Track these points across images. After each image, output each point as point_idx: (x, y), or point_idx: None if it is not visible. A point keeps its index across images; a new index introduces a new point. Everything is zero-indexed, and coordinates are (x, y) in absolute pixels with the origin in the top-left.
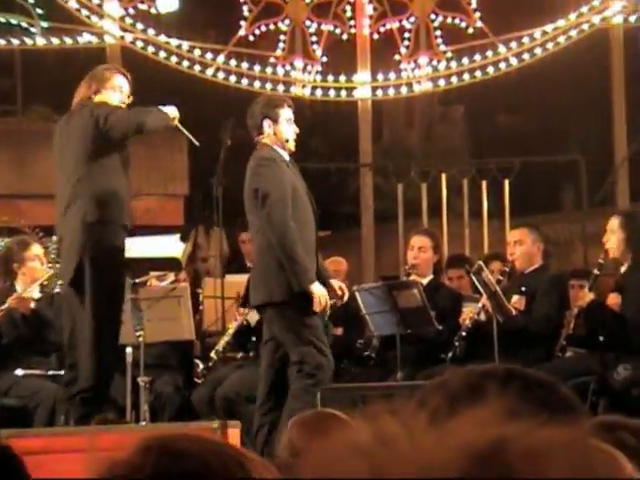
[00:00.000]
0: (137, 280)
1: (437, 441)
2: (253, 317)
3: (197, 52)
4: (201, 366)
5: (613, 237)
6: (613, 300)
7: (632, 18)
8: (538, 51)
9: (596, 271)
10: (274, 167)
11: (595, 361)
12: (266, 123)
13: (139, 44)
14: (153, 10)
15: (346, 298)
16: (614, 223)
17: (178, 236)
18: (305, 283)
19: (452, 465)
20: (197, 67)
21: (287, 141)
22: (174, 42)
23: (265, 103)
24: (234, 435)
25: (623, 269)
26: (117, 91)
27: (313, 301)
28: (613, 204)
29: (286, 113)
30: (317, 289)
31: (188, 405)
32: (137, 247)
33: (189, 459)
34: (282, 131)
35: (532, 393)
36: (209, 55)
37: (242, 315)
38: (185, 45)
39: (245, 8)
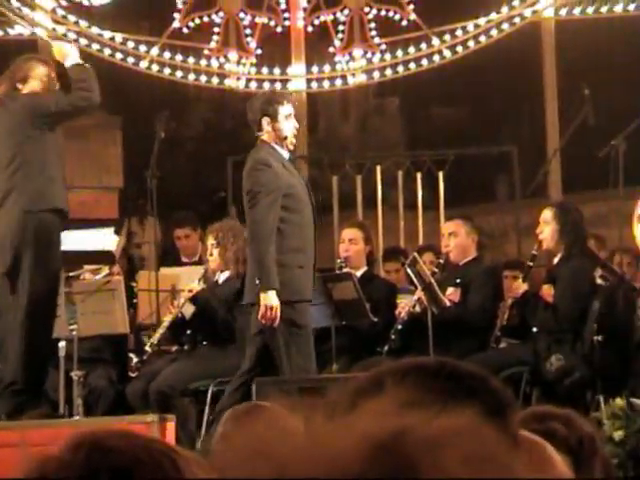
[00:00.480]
0: (71, 274)
1: (337, 435)
2: (188, 310)
3: (130, 44)
4: (135, 360)
5: (547, 228)
6: (546, 291)
7: (563, 11)
8: (471, 44)
9: (529, 262)
10: (268, 172)
11: (528, 352)
12: (265, 120)
13: (71, 36)
14: (86, 2)
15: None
16: (547, 214)
17: (112, 229)
18: (264, 287)
19: (352, 458)
20: (130, 59)
21: (286, 138)
22: (107, 34)
23: (264, 100)
24: (169, 429)
25: (556, 260)
26: (42, 81)
27: (261, 308)
28: (546, 195)
29: (285, 109)
30: (269, 299)
31: (122, 399)
32: (71, 240)
33: (119, 455)
34: (281, 129)
35: (463, 385)
36: (143, 47)
37: (177, 308)
38: (118, 37)
39: (179, 0)
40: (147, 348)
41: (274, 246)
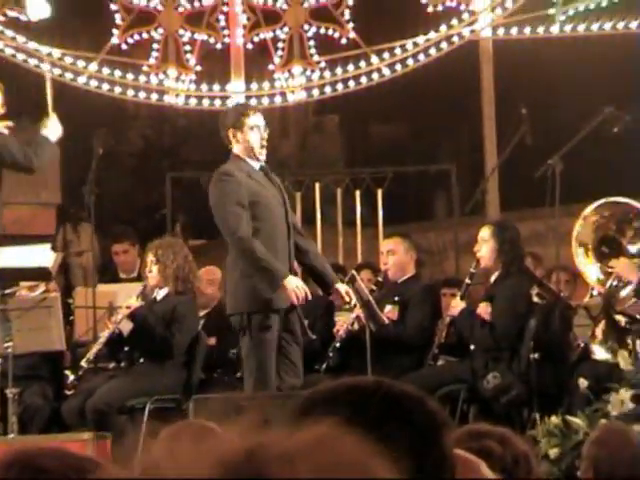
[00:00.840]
0: (7, 291)
1: (195, 458)
2: (126, 327)
3: (69, 59)
4: (71, 377)
5: (484, 246)
6: (483, 309)
7: (500, 31)
8: (410, 62)
9: (468, 280)
10: (228, 182)
11: (466, 370)
12: (230, 133)
13: (8, 51)
14: (23, 17)
15: (353, 302)
16: (485, 232)
17: (49, 245)
18: (277, 283)
19: (209, 477)
20: (69, 75)
21: (252, 149)
22: (45, 49)
23: (231, 113)
24: (105, 447)
25: (493, 278)
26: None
27: (289, 295)
28: (484, 213)
29: (251, 121)
30: (290, 282)
31: (58, 417)
32: (6, 257)
33: (50, 475)
34: (247, 140)
35: (399, 406)
36: (81, 63)
37: (114, 324)
38: (56, 52)
39: (118, 16)
40: (83, 364)
41: (258, 241)
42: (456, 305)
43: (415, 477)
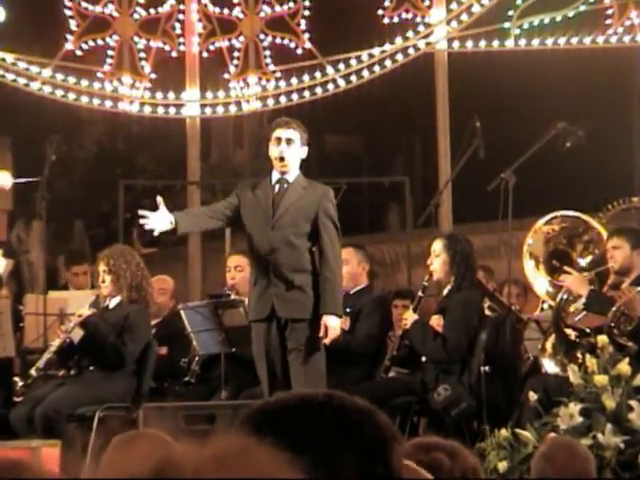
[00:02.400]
0: None
1: (104, 476)
2: (77, 334)
3: (22, 65)
4: (20, 384)
5: (437, 259)
6: (435, 321)
7: (455, 44)
8: (365, 73)
9: (420, 293)
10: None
11: (416, 382)
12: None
13: None
14: None
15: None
16: (438, 245)
17: (0, 251)
18: None
19: None
20: (22, 80)
21: (272, 160)
22: None
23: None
24: (54, 454)
25: (445, 291)
26: None
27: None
28: (436, 226)
29: (275, 133)
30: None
31: (6, 424)
32: None
33: None
34: (270, 152)
35: (348, 419)
36: (35, 68)
37: (65, 332)
38: (9, 58)
39: (72, 22)
40: (32, 372)
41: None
42: (408, 317)
43: None
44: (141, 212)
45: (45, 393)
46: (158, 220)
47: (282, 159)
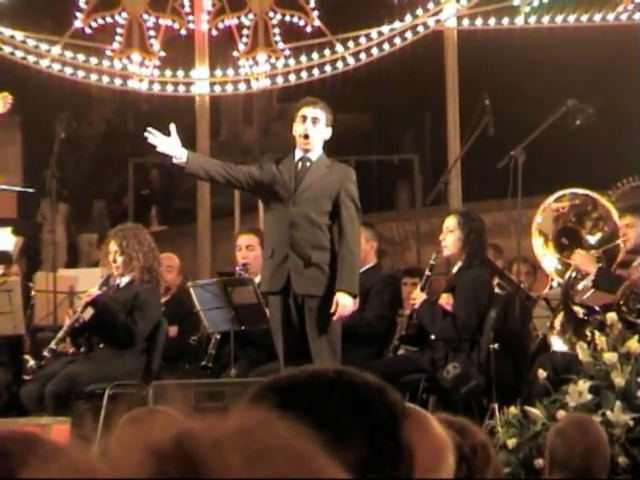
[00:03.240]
0: None
1: (123, 448)
2: (87, 313)
3: (31, 43)
4: (31, 362)
5: (450, 236)
6: (445, 300)
7: (465, 21)
8: (375, 51)
9: (428, 272)
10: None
11: (426, 360)
12: None
13: None
14: None
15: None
16: (452, 222)
17: (10, 229)
18: None
19: (139, 467)
20: (31, 58)
21: (296, 138)
22: (7, 32)
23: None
24: (64, 431)
25: (455, 269)
26: None
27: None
28: (446, 204)
29: (301, 111)
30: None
31: (17, 401)
32: None
33: (10, 459)
34: (294, 129)
35: (359, 395)
36: (44, 46)
37: (76, 313)
38: (19, 35)
39: (81, 0)
40: (45, 353)
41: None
42: (417, 297)
43: (372, 467)
44: (150, 130)
45: (55, 370)
46: (169, 144)
47: (306, 136)
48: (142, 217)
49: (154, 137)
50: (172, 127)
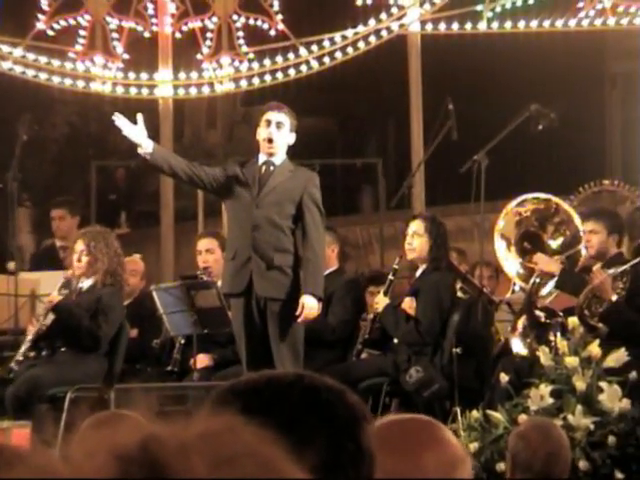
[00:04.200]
0: None
1: (87, 451)
2: (49, 317)
3: None
4: None
5: (418, 240)
6: (408, 304)
7: (429, 26)
8: (338, 55)
9: (391, 276)
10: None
11: (389, 363)
12: None
13: None
14: None
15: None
16: (419, 226)
17: None
18: None
19: (103, 470)
20: None
21: (260, 142)
22: None
23: None
24: (24, 435)
25: (418, 273)
26: None
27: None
28: (409, 208)
29: (266, 116)
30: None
31: None
32: None
33: None
34: (257, 133)
35: (319, 398)
36: (6, 48)
37: (39, 321)
38: None
39: (44, 1)
40: (13, 366)
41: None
42: (380, 301)
43: (333, 470)
44: (117, 116)
45: (16, 374)
46: (135, 131)
47: (270, 141)
48: (107, 220)
49: (120, 120)
50: (139, 116)
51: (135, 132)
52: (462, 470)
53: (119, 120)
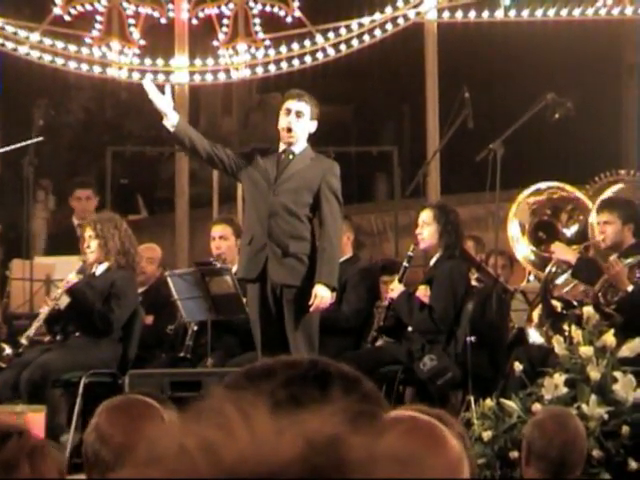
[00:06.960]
0: None
1: (276, 433)
2: (63, 301)
3: (10, 29)
4: (7, 350)
5: (427, 229)
6: (422, 292)
7: (445, 14)
8: (355, 42)
9: (405, 264)
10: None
11: (403, 351)
12: None
13: None
14: None
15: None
16: (428, 215)
17: None
18: None
19: (291, 448)
20: (10, 45)
21: (280, 131)
22: None
23: None
24: (39, 420)
25: (433, 261)
26: None
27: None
28: (424, 196)
29: (286, 104)
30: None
31: None
32: None
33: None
34: (279, 122)
35: (334, 385)
36: (23, 33)
37: (53, 300)
38: None
39: None
40: (23, 341)
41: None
42: (394, 288)
43: None
44: (147, 80)
45: (31, 358)
46: (163, 100)
47: (289, 130)
48: (122, 206)
49: (149, 85)
50: (167, 87)
51: (162, 100)
52: (460, 472)
53: (148, 84)
